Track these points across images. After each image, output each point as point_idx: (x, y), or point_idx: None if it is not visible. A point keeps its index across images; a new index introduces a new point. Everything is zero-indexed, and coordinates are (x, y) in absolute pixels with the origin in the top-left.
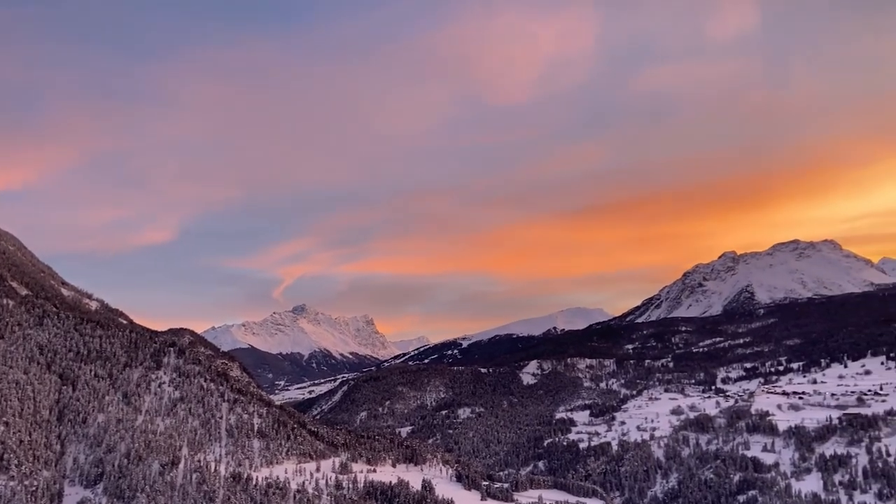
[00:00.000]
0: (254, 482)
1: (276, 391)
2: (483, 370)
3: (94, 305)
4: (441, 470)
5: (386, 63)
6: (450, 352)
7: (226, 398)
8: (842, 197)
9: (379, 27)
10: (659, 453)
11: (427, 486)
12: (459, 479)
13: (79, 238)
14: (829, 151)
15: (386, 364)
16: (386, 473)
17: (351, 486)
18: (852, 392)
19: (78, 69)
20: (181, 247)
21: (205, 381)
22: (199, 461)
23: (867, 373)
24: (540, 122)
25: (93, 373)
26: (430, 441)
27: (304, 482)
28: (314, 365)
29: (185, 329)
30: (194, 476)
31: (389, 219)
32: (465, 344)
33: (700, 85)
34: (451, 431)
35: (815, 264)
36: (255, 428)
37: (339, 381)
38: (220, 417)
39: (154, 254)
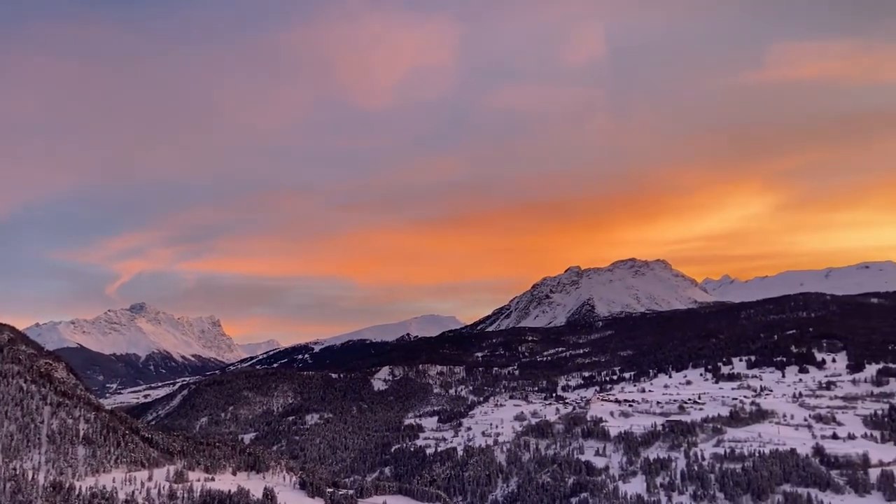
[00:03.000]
0: (77, 492)
1: (108, 395)
2: (334, 375)
3: None
4: (285, 477)
5: (246, 57)
6: (301, 356)
7: (48, 401)
8: (671, 221)
9: (241, 19)
10: (501, 458)
11: (269, 494)
12: (303, 486)
13: None
14: (662, 179)
15: (232, 368)
16: (225, 482)
17: (186, 495)
18: (675, 400)
19: None
20: None
21: (25, 382)
22: (14, 469)
23: (688, 383)
24: (400, 130)
25: None
26: (275, 448)
27: (133, 492)
28: (152, 367)
29: (4, 325)
30: (8, 485)
31: (242, 217)
32: (317, 349)
33: (552, 106)
34: (297, 438)
35: (648, 282)
36: (81, 434)
37: (178, 385)
38: (41, 422)
39: None
